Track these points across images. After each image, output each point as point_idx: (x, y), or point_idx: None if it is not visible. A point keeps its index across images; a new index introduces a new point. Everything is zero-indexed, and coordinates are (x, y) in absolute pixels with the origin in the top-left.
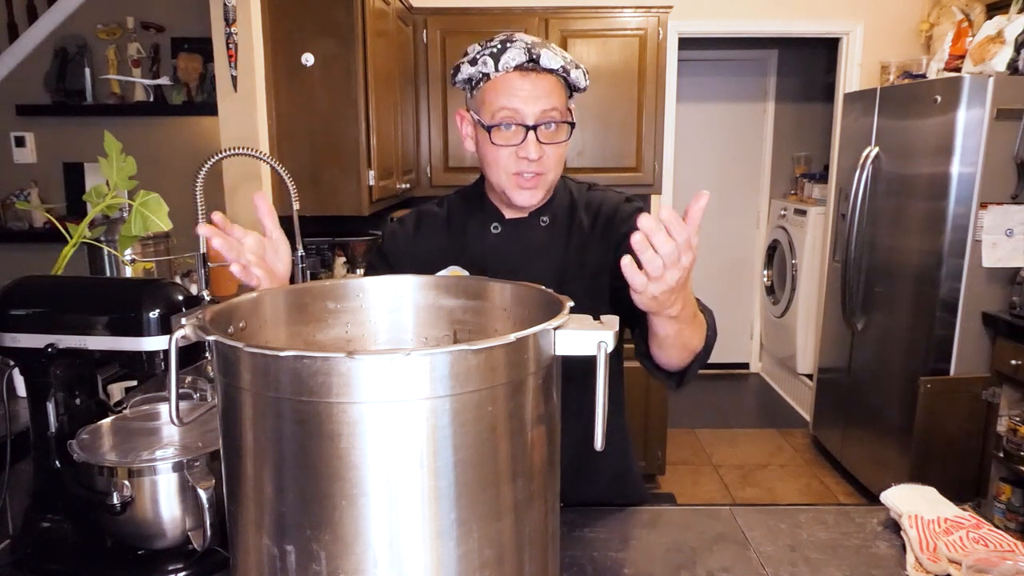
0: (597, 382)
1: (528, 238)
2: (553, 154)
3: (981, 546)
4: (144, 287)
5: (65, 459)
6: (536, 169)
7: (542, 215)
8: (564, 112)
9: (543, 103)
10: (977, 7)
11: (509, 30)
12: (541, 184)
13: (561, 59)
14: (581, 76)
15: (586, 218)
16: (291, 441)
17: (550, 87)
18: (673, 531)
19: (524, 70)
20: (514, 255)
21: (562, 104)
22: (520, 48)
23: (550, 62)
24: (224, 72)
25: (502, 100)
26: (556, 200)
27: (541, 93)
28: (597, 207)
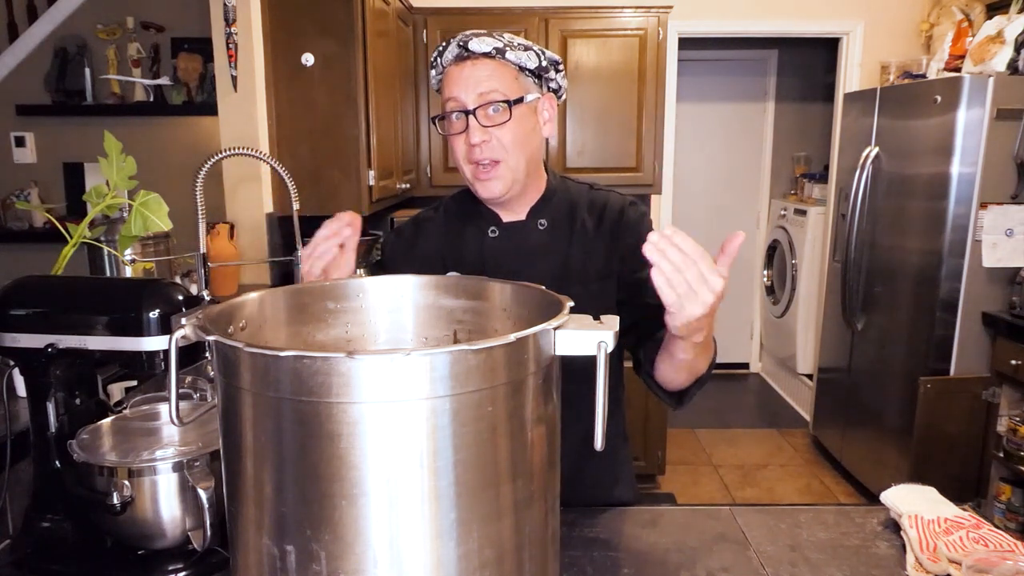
0: (597, 382)
1: (526, 241)
2: (505, 138)
3: (981, 546)
4: (144, 287)
5: (65, 459)
6: (488, 155)
7: (540, 218)
8: (509, 92)
9: (481, 86)
10: (977, 7)
11: (509, 31)
12: (501, 172)
13: (498, 42)
14: (528, 56)
15: (589, 219)
16: (291, 441)
17: (489, 71)
18: (673, 531)
19: (459, 60)
20: (512, 259)
21: (506, 85)
22: (455, 41)
23: (479, 46)
24: (224, 72)
25: (446, 92)
26: (555, 202)
27: (479, 77)
28: (601, 208)
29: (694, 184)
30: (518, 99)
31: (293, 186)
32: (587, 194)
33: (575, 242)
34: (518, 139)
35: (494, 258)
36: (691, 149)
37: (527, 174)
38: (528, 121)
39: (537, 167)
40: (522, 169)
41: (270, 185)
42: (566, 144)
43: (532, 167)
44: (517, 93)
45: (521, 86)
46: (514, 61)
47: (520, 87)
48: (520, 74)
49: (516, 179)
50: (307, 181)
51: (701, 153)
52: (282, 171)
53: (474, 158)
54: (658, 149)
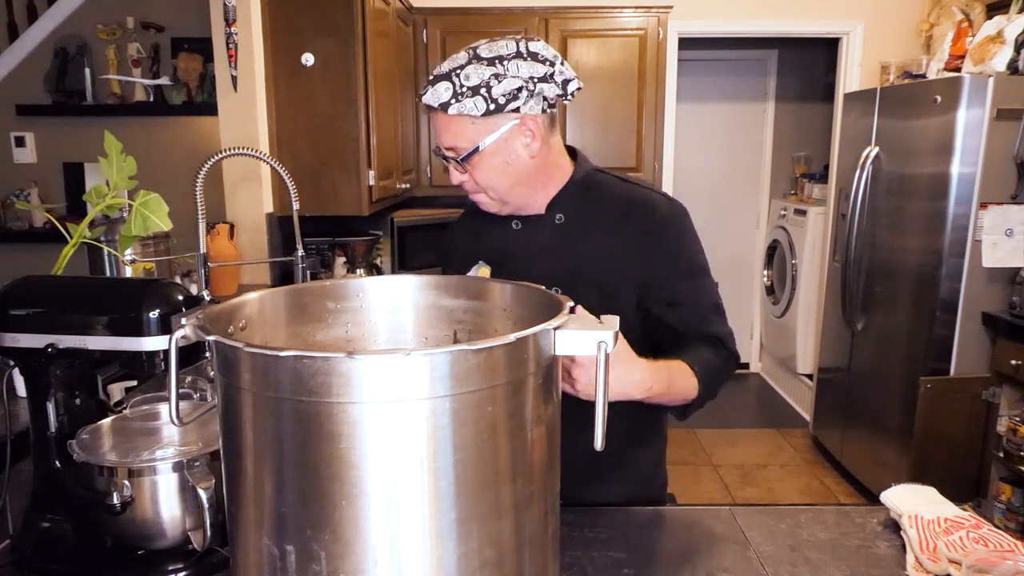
0: (597, 382)
1: (543, 236)
2: (477, 177)
3: (981, 546)
4: (144, 287)
5: (65, 459)
6: (470, 189)
7: (557, 212)
8: (464, 144)
9: (442, 139)
10: (977, 7)
11: (509, 30)
12: (488, 199)
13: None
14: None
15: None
16: (291, 441)
17: (444, 124)
18: (673, 531)
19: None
20: (529, 252)
21: (460, 137)
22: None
23: (430, 100)
24: (224, 72)
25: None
26: (575, 195)
27: (440, 128)
28: (628, 205)
29: (694, 184)
30: (472, 152)
31: (293, 186)
32: (616, 188)
33: (592, 237)
34: (489, 177)
35: (515, 251)
36: (691, 149)
37: (518, 194)
38: (498, 157)
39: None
40: (509, 192)
41: (270, 185)
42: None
43: (523, 187)
44: (472, 143)
45: (479, 131)
46: (460, 112)
47: (477, 133)
48: (473, 120)
49: (506, 201)
50: (307, 181)
51: (701, 153)
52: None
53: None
54: (658, 149)
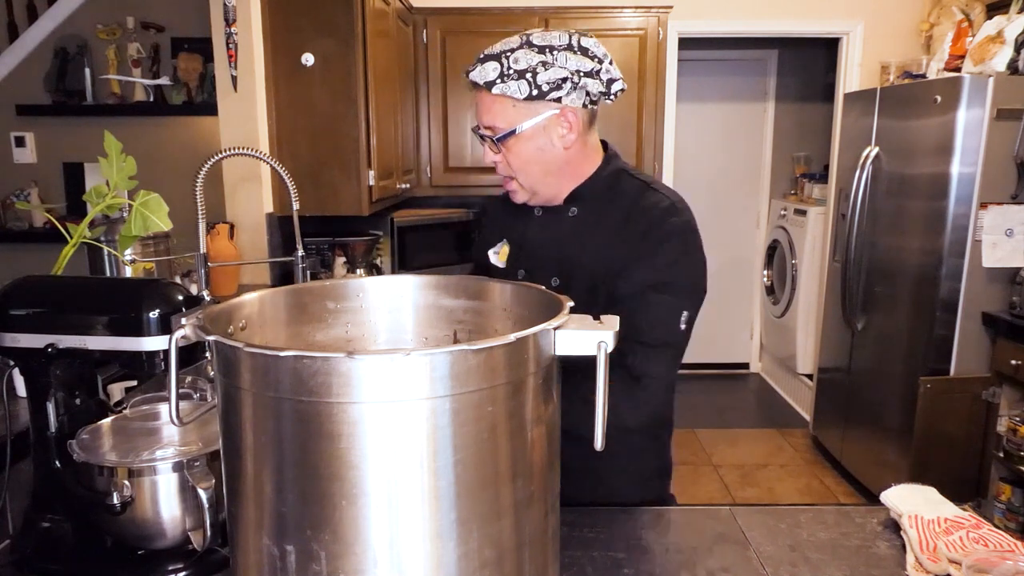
0: (597, 382)
1: (558, 226)
2: (511, 161)
3: (981, 546)
4: (144, 287)
5: (65, 459)
6: (502, 172)
7: (573, 206)
8: (504, 125)
9: (482, 118)
10: (977, 7)
11: (509, 31)
12: (518, 187)
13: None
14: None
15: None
16: (291, 441)
17: (487, 103)
18: (673, 531)
19: (472, 87)
20: (543, 240)
21: (500, 117)
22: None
23: (477, 76)
24: (224, 72)
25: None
26: (593, 191)
27: (481, 107)
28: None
29: (694, 184)
30: (508, 133)
31: (293, 186)
32: (636, 191)
33: (598, 234)
34: (522, 162)
35: (533, 236)
36: (691, 149)
37: (547, 185)
38: (532, 143)
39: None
40: (539, 182)
41: (270, 185)
42: None
43: (553, 178)
44: (511, 124)
45: (517, 115)
46: (503, 93)
47: (515, 116)
48: (518, 102)
49: (535, 191)
50: (307, 181)
51: (701, 153)
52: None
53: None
54: (658, 149)
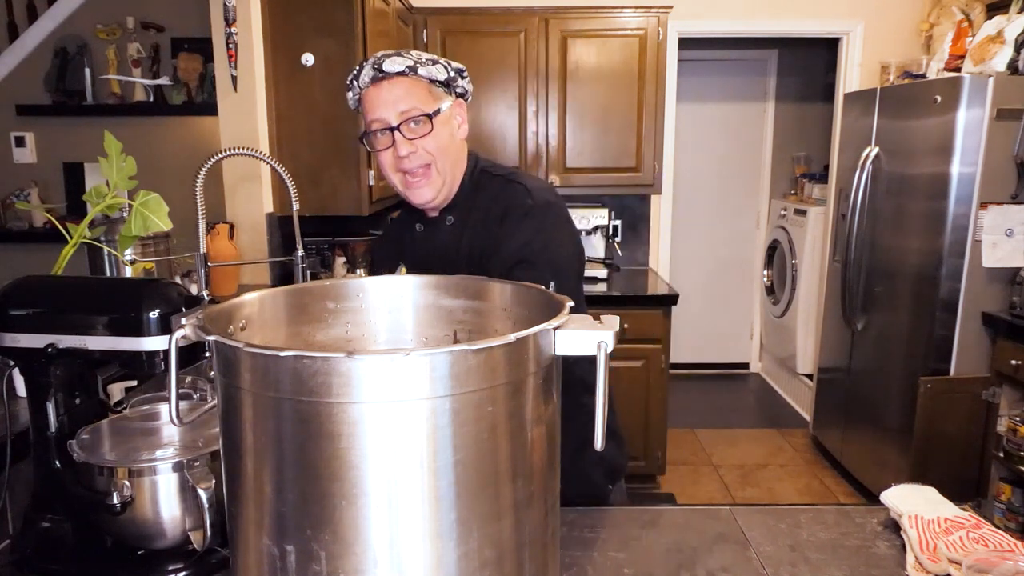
0: (597, 382)
1: (439, 236)
2: (429, 146)
3: (981, 546)
4: (144, 287)
5: (65, 459)
6: (417, 163)
7: (448, 214)
8: (425, 106)
9: (400, 104)
10: (977, 7)
11: (509, 31)
12: (433, 177)
13: (408, 60)
14: (436, 70)
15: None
16: (291, 441)
17: (404, 89)
18: (673, 531)
19: (376, 81)
20: (428, 253)
21: (422, 100)
22: (369, 64)
23: (392, 66)
24: (224, 72)
25: (369, 114)
26: (461, 197)
27: (397, 96)
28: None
29: (694, 184)
30: (435, 111)
31: (293, 186)
32: (497, 186)
33: (473, 236)
34: (441, 145)
35: (421, 251)
36: (691, 149)
37: (453, 176)
38: (446, 128)
39: (460, 163)
40: (449, 172)
41: (270, 185)
42: (566, 144)
43: (457, 169)
44: (433, 105)
45: (435, 97)
46: (425, 76)
47: (434, 99)
48: (432, 86)
49: (445, 182)
50: (307, 181)
51: (701, 153)
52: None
53: (403, 167)
54: (658, 149)
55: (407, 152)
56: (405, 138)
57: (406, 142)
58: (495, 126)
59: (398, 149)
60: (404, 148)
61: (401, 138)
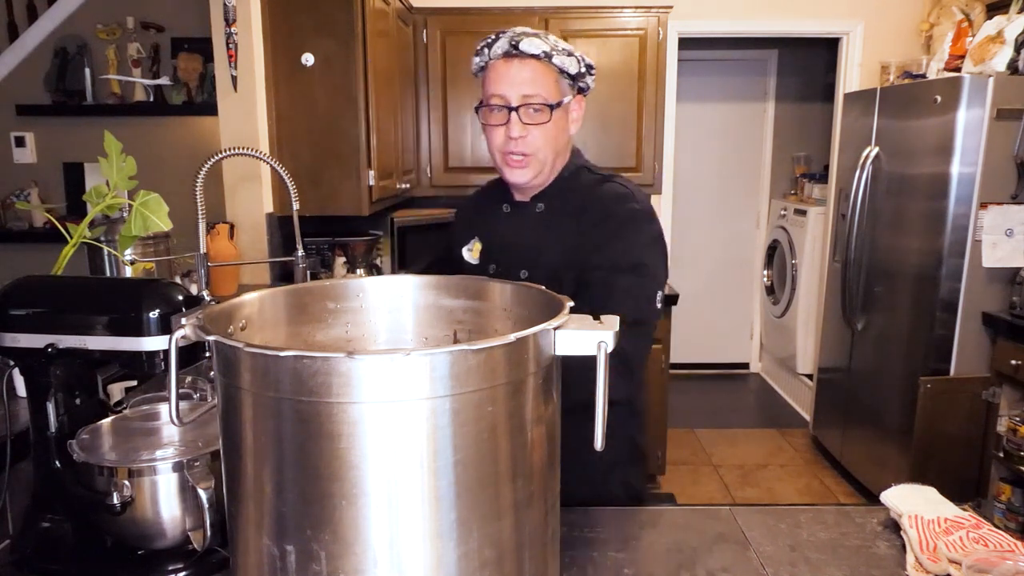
0: (597, 382)
1: (525, 221)
2: (540, 135)
3: (981, 546)
4: (144, 287)
5: (65, 459)
6: (522, 148)
7: (539, 201)
8: (550, 96)
9: (525, 88)
10: (977, 7)
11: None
12: (531, 164)
13: (545, 46)
14: (570, 62)
15: (577, 209)
16: (291, 441)
17: (534, 73)
18: (673, 531)
19: (508, 57)
20: (512, 235)
21: (547, 89)
22: (506, 38)
23: (530, 47)
24: (224, 72)
25: (491, 87)
26: (557, 189)
27: (525, 78)
28: (598, 202)
29: (694, 184)
30: (557, 103)
31: (293, 186)
32: (593, 183)
33: (559, 226)
34: (550, 137)
35: (503, 231)
36: (691, 149)
37: (551, 167)
38: (561, 121)
39: (562, 159)
40: (549, 162)
41: (270, 185)
42: None
43: (559, 161)
44: (557, 97)
45: (560, 89)
46: (558, 65)
47: (559, 90)
48: (560, 78)
49: (543, 171)
50: (307, 181)
51: (701, 153)
52: (282, 171)
53: (510, 149)
54: (658, 149)
55: (518, 135)
56: (521, 121)
57: (521, 125)
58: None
59: (511, 129)
60: (516, 130)
61: (517, 120)
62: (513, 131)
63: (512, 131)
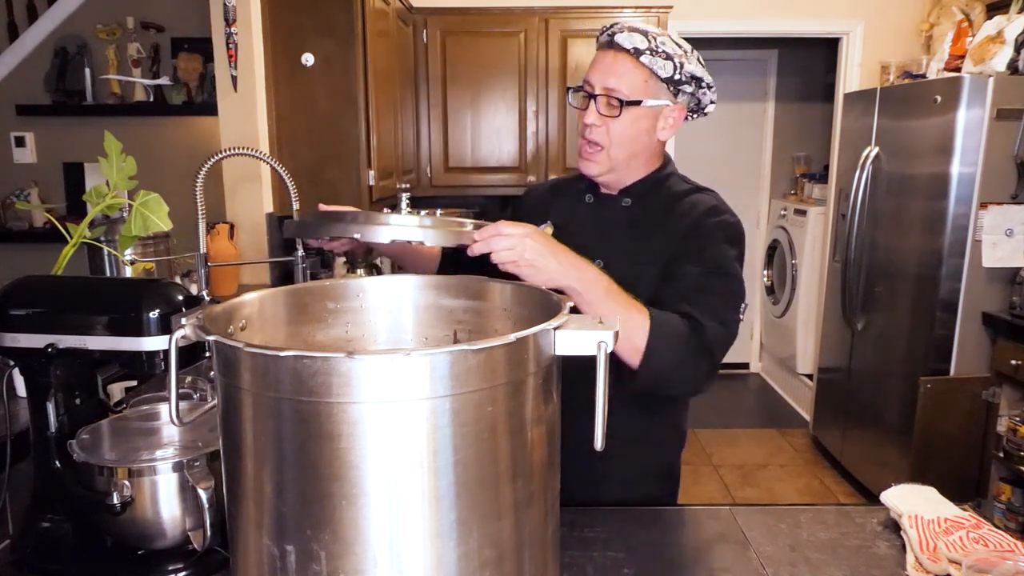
0: (597, 382)
1: (608, 214)
2: (614, 129)
3: (981, 546)
4: (144, 287)
5: (65, 459)
6: (594, 137)
7: (627, 196)
8: (631, 93)
9: (609, 80)
10: (977, 7)
11: (509, 30)
12: (601, 158)
13: (640, 42)
14: (663, 65)
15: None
16: (291, 441)
17: (621, 67)
18: (673, 531)
19: (606, 47)
20: (592, 224)
21: (630, 86)
22: (612, 28)
23: (623, 41)
24: (224, 72)
25: (588, 73)
26: (648, 187)
27: (610, 70)
28: (690, 207)
29: None
30: (635, 101)
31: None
32: (684, 191)
33: (646, 225)
34: (624, 135)
35: (581, 219)
36: (691, 149)
37: (626, 166)
38: (643, 122)
39: (643, 161)
40: (621, 161)
41: (270, 185)
42: (566, 144)
43: (635, 162)
44: (638, 96)
45: (647, 90)
46: (647, 65)
47: (645, 90)
48: (651, 78)
49: (612, 168)
50: (307, 181)
51: (701, 153)
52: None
53: (585, 136)
54: None
55: (591, 122)
56: (596, 110)
57: (595, 114)
58: (495, 126)
59: (586, 116)
60: (590, 118)
61: (593, 108)
62: (587, 118)
63: (586, 118)
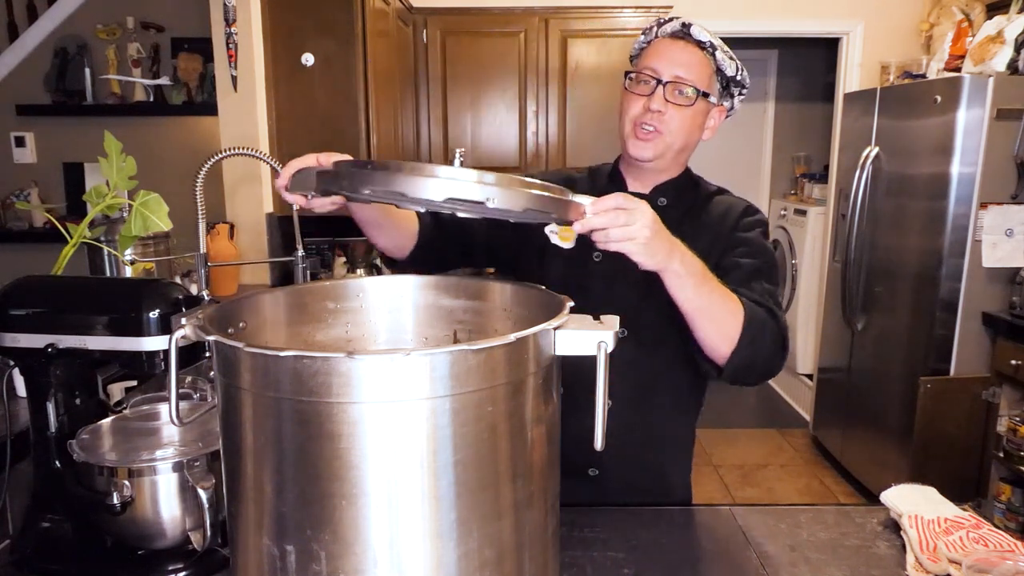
0: (597, 382)
1: None
2: (676, 117)
3: (981, 546)
4: (144, 287)
5: (65, 459)
6: (656, 124)
7: (661, 196)
8: (701, 84)
9: (681, 70)
10: (977, 7)
11: (509, 30)
12: (658, 142)
13: (713, 38)
14: (729, 64)
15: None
16: (291, 441)
17: (694, 58)
18: (673, 531)
19: (676, 37)
20: None
21: (700, 78)
22: (680, 20)
23: (699, 34)
24: (224, 72)
25: (647, 60)
26: (680, 187)
27: (683, 60)
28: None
29: None
30: (704, 93)
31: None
32: (713, 192)
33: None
34: (684, 126)
35: None
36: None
37: (674, 158)
38: (700, 118)
39: (685, 158)
40: (674, 150)
41: (270, 185)
42: (566, 144)
43: (681, 156)
44: (706, 89)
45: (711, 85)
46: (718, 61)
47: (710, 85)
48: (714, 76)
49: (665, 155)
50: None
51: (701, 153)
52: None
53: (643, 120)
54: None
55: (657, 108)
56: (664, 97)
57: (663, 100)
58: (495, 126)
59: (651, 102)
60: (657, 104)
61: (660, 94)
62: (654, 103)
63: (652, 103)
